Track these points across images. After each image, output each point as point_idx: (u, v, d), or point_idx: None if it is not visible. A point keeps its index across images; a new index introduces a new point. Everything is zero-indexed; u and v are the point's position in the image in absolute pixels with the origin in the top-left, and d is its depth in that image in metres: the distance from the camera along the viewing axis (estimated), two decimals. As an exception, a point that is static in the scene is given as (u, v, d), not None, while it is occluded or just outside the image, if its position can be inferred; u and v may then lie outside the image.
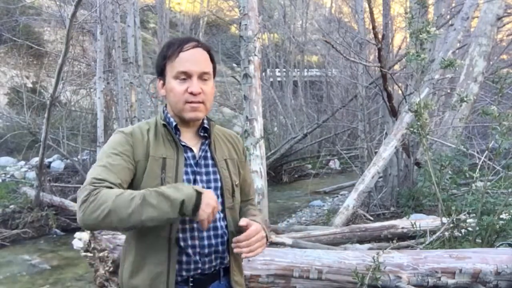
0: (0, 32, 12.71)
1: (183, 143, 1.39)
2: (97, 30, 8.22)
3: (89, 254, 2.89)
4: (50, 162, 10.51)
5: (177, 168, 1.34)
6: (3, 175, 9.73)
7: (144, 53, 11.08)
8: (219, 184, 1.42)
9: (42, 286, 5.13)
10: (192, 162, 1.39)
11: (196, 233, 1.36)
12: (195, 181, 1.38)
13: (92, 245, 2.86)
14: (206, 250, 1.36)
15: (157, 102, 12.32)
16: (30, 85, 13.74)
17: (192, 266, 1.36)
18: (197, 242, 1.36)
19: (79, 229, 3.21)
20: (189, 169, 1.38)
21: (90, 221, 1.19)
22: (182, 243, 1.34)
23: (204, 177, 1.40)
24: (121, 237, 3.02)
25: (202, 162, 1.42)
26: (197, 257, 1.36)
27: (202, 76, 1.35)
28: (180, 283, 1.36)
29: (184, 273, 1.36)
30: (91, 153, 9.60)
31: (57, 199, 7.51)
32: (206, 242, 1.37)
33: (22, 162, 10.84)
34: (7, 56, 14.15)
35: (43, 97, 12.01)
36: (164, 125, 1.38)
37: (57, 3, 9.81)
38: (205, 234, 1.37)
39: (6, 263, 5.95)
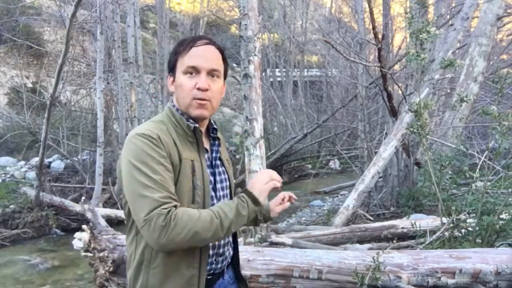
0: (0, 32, 12.71)
1: (204, 145, 1.41)
2: (97, 30, 8.21)
3: (89, 254, 2.89)
4: (50, 162, 10.51)
5: (203, 170, 1.35)
6: (3, 175, 9.73)
7: (144, 53, 11.09)
8: (228, 184, 1.48)
9: (42, 286, 5.13)
10: (208, 163, 1.42)
11: None
12: (214, 182, 1.42)
13: (92, 245, 2.86)
14: (221, 250, 1.42)
15: (157, 102, 12.34)
16: (30, 85, 13.74)
17: (208, 267, 1.38)
18: (216, 243, 1.40)
19: (79, 229, 3.21)
20: (209, 171, 1.41)
21: (173, 245, 1.20)
22: (210, 245, 1.37)
23: (218, 177, 1.44)
24: (121, 237, 3.02)
25: (215, 163, 1.45)
26: (214, 258, 1.40)
27: (211, 73, 1.34)
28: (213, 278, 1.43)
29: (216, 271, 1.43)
30: (91, 153, 9.59)
31: (57, 199, 7.51)
32: (222, 242, 1.42)
33: (22, 162, 10.84)
34: (7, 56, 14.14)
35: (43, 97, 12.01)
36: (189, 126, 1.35)
37: (57, 3, 9.80)
38: None
39: (6, 263, 5.95)
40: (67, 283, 5.16)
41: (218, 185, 1.43)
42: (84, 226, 3.10)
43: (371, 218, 5.66)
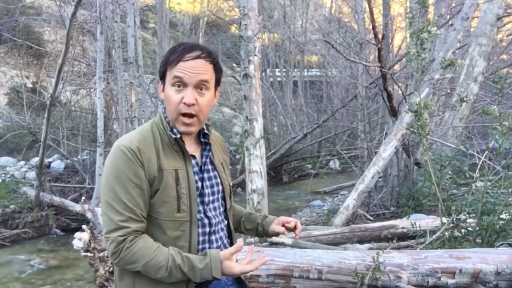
0: (0, 32, 12.70)
1: (187, 152, 1.38)
2: (97, 30, 8.21)
3: (89, 254, 2.89)
4: (50, 162, 10.50)
5: (189, 179, 1.35)
6: (3, 175, 9.72)
7: (144, 53, 11.07)
8: (220, 188, 1.46)
9: (42, 286, 5.13)
10: (197, 169, 1.41)
11: (207, 237, 1.41)
12: (202, 187, 1.40)
13: (92, 245, 2.86)
14: (215, 246, 1.42)
15: (157, 102, 12.33)
16: (30, 85, 13.73)
17: None
18: (207, 245, 1.40)
19: (79, 229, 3.21)
20: (196, 177, 1.39)
21: (124, 267, 1.31)
22: (200, 247, 1.38)
23: (208, 182, 1.43)
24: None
25: (205, 167, 1.44)
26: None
27: (198, 86, 1.33)
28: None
29: None
30: (91, 153, 9.59)
31: (57, 199, 7.51)
32: (215, 245, 1.42)
33: (22, 162, 10.83)
34: (7, 56, 14.14)
35: (43, 97, 12.01)
36: (170, 136, 1.35)
37: (57, 3, 9.80)
38: (213, 237, 1.42)
39: (6, 263, 5.95)
40: (67, 283, 5.16)
41: (207, 190, 1.42)
42: (84, 226, 3.10)
43: (371, 218, 5.66)
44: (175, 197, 1.31)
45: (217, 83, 1.41)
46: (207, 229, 1.39)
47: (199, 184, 1.39)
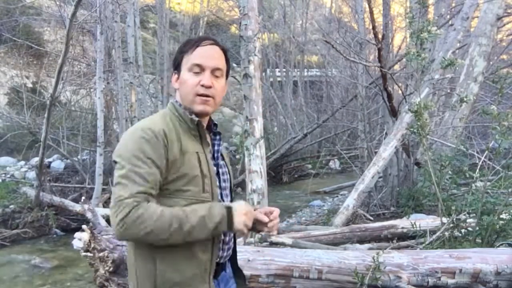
0: (0, 32, 12.70)
1: (207, 139, 1.45)
2: (97, 30, 8.21)
3: (89, 254, 2.89)
4: (50, 162, 10.50)
5: (208, 162, 1.40)
6: (3, 175, 9.72)
7: (144, 53, 11.08)
8: (228, 177, 1.54)
9: (42, 286, 5.12)
10: (211, 156, 1.46)
11: None
12: (218, 174, 1.46)
13: (92, 245, 2.86)
14: (227, 238, 1.46)
15: (157, 102, 12.34)
16: (30, 85, 13.73)
17: (219, 253, 1.43)
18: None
19: (79, 229, 3.21)
20: (212, 162, 1.44)
21: (129, 236, 1.26)
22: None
23: (220, 170, 1.49)
24: (121, 237, 3.01)
25: (217, 155, 1.50)
26: (221, 245, 1.43)
27: (214, 72, 1.40)
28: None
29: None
30: (91, 153, 9.59)
31: (57, 199, 7.51)
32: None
33: (22, 162, 10.83)
34: (7, 56, 14.13)
35: (43, 97, 12.00)
36: (192, 121, 1.38)
37: (57, 3, 9.80)
38: None
39: (6, 263, 5.95)
40: (67, 283, 5.16)
41: (222, 177, 1.49)
42: (84, 226, 3.09)
43: (371, 218, 5.66)
44: (200, 177, 1.35)
45: (227, 74, 1.48)
46: None
47: (217, 169, 1.46)
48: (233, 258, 1.56)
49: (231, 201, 1.53)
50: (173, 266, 1.31)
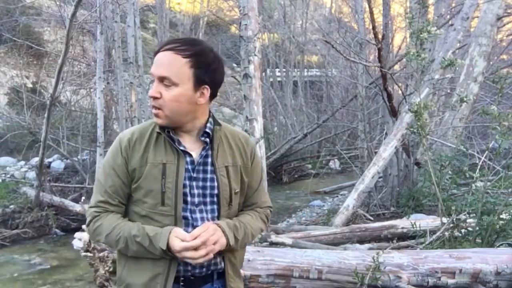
0: (0, 32, 12.69)
1: (182, 148, 1.36)
2: (97, 30, 8.21)
3: (89, 254, 2.89)
4: (50, 162, 10.49)
5: (178, 174, 1.34)
6: (3, 175, 9.72)
7: (144, 53, 11.05)
8: (215, 192, 1.39)
9: (42, 286, 5.13)
10: (190, 167, 1.37)
11: None
12: (190, 187, 1.37)
13: (92, 245, 2.86)
14: None
15: (157, 102, 12.30)
16: (30, 85, 13.72)
17: (182, 268, 1.36)
18: None
19: (79, 229, 3.22)
20: (186, 175, 1.36)
21: (94, 240, 1.46)
22: None
23: (201, 183, 1.38)
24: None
25: (201, 168, 1.39)
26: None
27: (161, 80, 1.30)
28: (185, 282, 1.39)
29: (175, 273, 1.37)
30: (91, 153, 9.58)
31: (57, 199, 7.51)
32: None
33: (22, 162, 10.82)
34: (7, 56, 14.13)
35: (43, 97, 11.99)
36: (159, 132, 1.36)
37: (57, 3, 9.80)
38: None
39: (6, 263, 5.95)
40: (67, 283, 5.16)
41: (196, 191, 1.37)
42: (84, 226, 3.09)
43: (371, 218, 5.66)
44: (159, 191, 1.32)
45: (198, 79, 1.32)
46: (190, 230, 1.32)
47: (187, 182, 1.36)
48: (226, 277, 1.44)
49: (218, 216, 1.39)
50: (129, 272, 1.38)
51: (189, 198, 1.36)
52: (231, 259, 1.43)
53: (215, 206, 1.40)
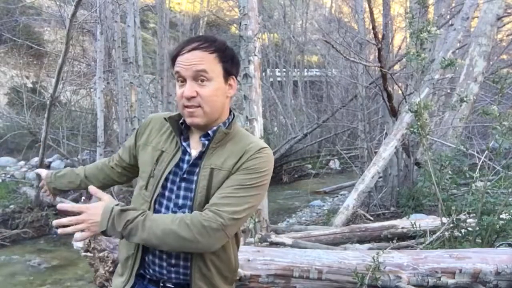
0: (0, 32, 12.70)
1: (184, 144, 1.37)
2: (97, 30, 8.21)
3: (89, 254, 2.89)
4: (50, 162, 10.51)
5: (169, 163, 1.36)
6: (3, 175, 9.72)
7: (144, 53, 11.08)
8: (192, 194, 1.32)
9: (42, 286, 5.12)
10: (185, 166, 1.35)
11: None
12: (173, 183, 1.35)
13: (92, 245, 2.86)
14: (164, 255, 1.34)
15: (157, 102, 12.33)
16: (30, 85, 13.72)
17: (157, 269, 1.35)
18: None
19: (79, 229, 3.20)
20: (179, 172, 1.35)
21: None
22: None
23: (183, 184, 1.34)
24: (121, 237, 3.01)
25: (188, 168, 1.35)
26: (157, 260, 1.35)
27: (197, 78, 1.29)
28: (152, 282, 1.40)
29: (153, 276, 1.38)
30: (91, 153, 9.59)
31: (57, 199, 7.50)
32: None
33: (22, 162, 10.83)
34: (7, 56, 14.13)
35: (43, 97, 12.00)
36: (165, 119, 1.43)
37: (57, 3, 9.81)
38: None
39: (6, 263, 5.95)
40: (67, 283, 5.15)
41: (179, 192, 1.34)
42: (84, 226, 3.09)
43: (371, 218, 5.66)
44: (147, 175, 1.38)
45: (227, 72, 1.35)
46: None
47: (171, 177, 1.35)
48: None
49: None
50: (119, 247, 1.48)
51: (173, 196, 1.34)
52: (201, 270, 1.33)
53: (188, 206, 1.33)
